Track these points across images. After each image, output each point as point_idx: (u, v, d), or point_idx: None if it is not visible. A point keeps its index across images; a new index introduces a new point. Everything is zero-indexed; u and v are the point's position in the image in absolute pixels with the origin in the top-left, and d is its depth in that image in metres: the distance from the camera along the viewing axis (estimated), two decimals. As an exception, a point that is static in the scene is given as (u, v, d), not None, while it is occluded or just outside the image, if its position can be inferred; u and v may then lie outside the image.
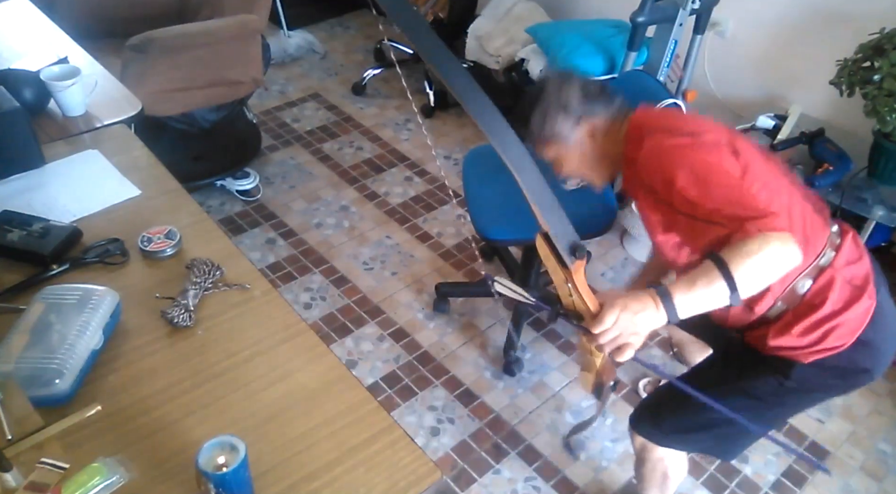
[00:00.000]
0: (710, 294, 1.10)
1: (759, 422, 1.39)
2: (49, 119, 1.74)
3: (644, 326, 1.09)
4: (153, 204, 1.51)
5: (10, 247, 1.33)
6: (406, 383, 2.25)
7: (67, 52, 1.95)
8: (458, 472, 2.02)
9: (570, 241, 1.01)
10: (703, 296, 1.10)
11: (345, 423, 1.11)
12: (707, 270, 1.11)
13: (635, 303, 1.08)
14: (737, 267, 1.09)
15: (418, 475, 1.05)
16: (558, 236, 1.00)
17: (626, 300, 1.08)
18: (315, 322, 2.42)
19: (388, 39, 3.80)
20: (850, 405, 2.27)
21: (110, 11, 2.75)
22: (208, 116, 2.71)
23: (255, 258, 2.63)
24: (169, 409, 1.11)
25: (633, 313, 1.08)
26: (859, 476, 2.07)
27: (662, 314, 1.09)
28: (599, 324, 1.07)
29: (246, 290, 1.32)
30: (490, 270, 2.67)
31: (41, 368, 1.09)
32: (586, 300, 1.07)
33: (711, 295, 1.10)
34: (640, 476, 1.73)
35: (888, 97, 2.04)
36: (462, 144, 3.30)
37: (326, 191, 2.99)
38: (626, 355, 1.10)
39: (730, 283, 1.09)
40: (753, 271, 1.10)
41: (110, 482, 0.97)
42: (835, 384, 1.39)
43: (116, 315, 1.22)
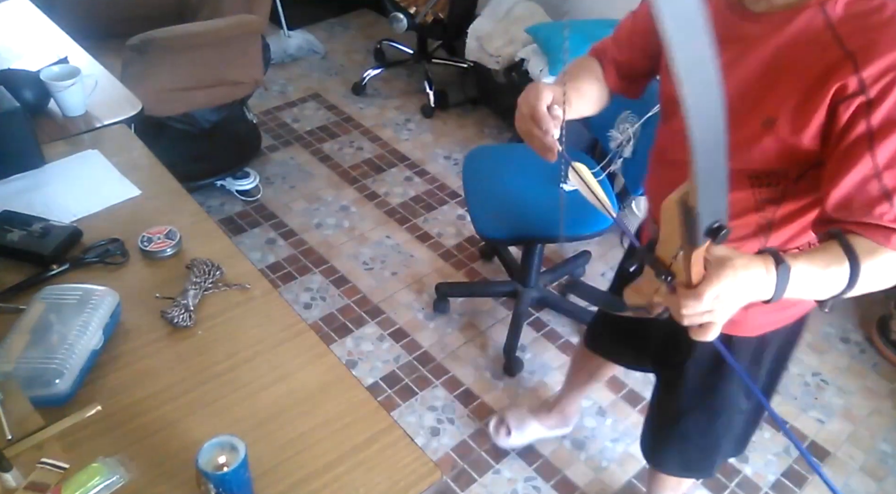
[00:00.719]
0: (828, 282, 0.91)
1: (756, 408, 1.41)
2: (49, 119, 1.74)
3: (744, 298, 0.84)
4: (153, 204, 1.51)
5: (10, 247, 1.33)
6: (406, 383, 2.25)
7: (67, 52, 1.95)
8: (458, 472, 2.02)
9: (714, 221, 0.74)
10: (822, 280, 0.90)
11: (345, 423, 1.11)
12: (835, 254, 0.90)
13: (748, 272, 0.83)
14: (866, 267, 0.90)
15: (418, 475, 1.05)
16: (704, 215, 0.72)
17: (737, 271, 0.81)
18: (315, 322, 2.42)
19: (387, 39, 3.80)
20: (850, 405, 2.27)
21: (110, 11, 2.75)
22: (208, 116, 2.71)
23: (255, 258, 2.63)
24: (169, 409, 1.11)
25: (742, 285, 0.82)
26: (859, 476, 2.07)
27: (770, 288, 0.85)
28: (696, 300, 0.80)
29: (246, 290, 1.32)
30: (490, 270, 2.67)
31: (41, 368, 1.09)
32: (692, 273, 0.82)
33: (828, 283, 0.91)
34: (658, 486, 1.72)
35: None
36: (462, 144, 3.30)
37: (326, 191, 2.99)
38: (712, 334, 0.85)
39: (851, 279, 0.90)
40: (874, 281, 0.93)
41: (110, 482, 0.97)
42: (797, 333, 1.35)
43: (116, 315, 1.22)
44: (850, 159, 0.93)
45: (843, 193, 0.94)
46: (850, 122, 0.92)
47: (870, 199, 0.92)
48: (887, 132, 0.90)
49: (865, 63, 0.90)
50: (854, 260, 0.89)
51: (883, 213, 0.92)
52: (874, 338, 2.46)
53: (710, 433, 1.47)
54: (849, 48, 0.91)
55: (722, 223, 0.74)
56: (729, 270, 0.80)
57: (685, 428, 1.48)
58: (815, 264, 0.89)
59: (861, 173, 0.92)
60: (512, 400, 2.22)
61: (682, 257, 0.81)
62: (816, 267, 0.89)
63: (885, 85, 0.89)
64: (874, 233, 0.92)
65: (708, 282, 0.79)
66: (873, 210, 0.92)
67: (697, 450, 1.52)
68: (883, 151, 0.91)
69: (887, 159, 0.91)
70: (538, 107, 1.03)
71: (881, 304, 2.58)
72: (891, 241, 0.92)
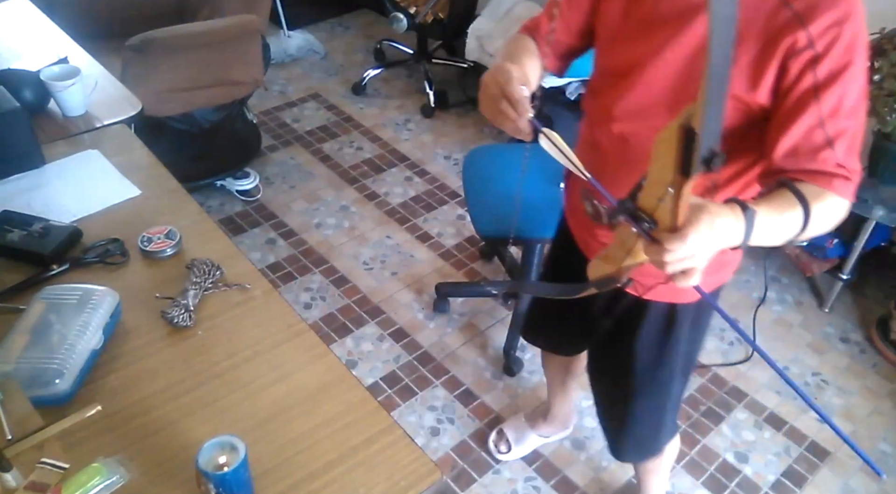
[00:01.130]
0: (786, 226, 0.97)
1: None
2: (49, 119, 1.74)
3: (720, 245, 0.89)
4: (153, 204, 1.51)
5: (10, 247, 1.33)
6: (406, 383, 2.25)
7: (67, 52, 1.95)
8: (458, 472, 2.02)
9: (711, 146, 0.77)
10: (781, 224, 0.96)
11: (345, 423, 1.11)
12: (788, 199, 0.97)
13: (722, 218, 0.87)
14: (815, 210, 0.97)
15: (418, 475, 1.05)
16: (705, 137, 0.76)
17: (713, 216, 0.86)
18: (315, 322, 2.42)
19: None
20: (850, 405, 2.27)
21: (110, 11, 2.75)
22: (208, 116, 2.71)
23: (255, 258, 2.63)
24: (169, 409, 1.11)
25: (718, 230, 0.87)
26: (859, 476, 2.07)
27: (740, 233, 0.91)
28: (680, 242, 0.83)
29: (246, 290, 1.32)
30: (490, 270, 2.67)
31: (41, 368, 1.09)
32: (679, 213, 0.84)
33: (786, 227, 0.97)
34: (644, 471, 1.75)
35: (888, 97, 2.04)
36: (462, 144, 3.30)
37: (326, 191, 2.99)
38: (693, 279, 0.88)
39: (804, 222, 0.97)
40: (820, 224, 0.99)
41: (110, 482, 0.97)
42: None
43: (116, 315, 1.22)
44: (799, 110, 1.00)
45: (792, 141, 1.01)
46: (800, 75, 0.99)
47: (815, 146, 1.00)
48: (830, 83, 0.98)
49: (811, 20, 0.97)
50: (805, 204, 0.96)
51: (826, 158, 1.00)
52: (874, 338, 2.46)
53: (659, 410, 1.52)
54: (795, 8, 0.98)
55: (717, 150, 0.77)
56: (706, 214, 0.84)
57: (639, 410, 1.51)
58: (774, 210, 0.95)
59: (807, 123, 1.00)
60: (512, 400, 2.22)
61: (669, 199, 0.83)
62: (775, 212, 0.95)
63: (829, 40, 0.97)
64: (818, 179, 1.00)
65: (690, 224, 0.83)
66: (818, 156, 1.00)
67: (649, 430, 1.56)
68: (826, 102, 0.99)
69: (830, 109, 0.99)
70: (513, 90, 1.02)
71: (881, 304, 2.58)
72: (833, 185, 1.00)
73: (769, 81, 1.02)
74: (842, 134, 1.00)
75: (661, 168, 0.82)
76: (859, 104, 1.01)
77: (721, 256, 1.15)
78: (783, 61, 1.00)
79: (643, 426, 1.55)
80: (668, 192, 0.82)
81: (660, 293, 1.30)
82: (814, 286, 2.67)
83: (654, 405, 1.51)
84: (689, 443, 2.13)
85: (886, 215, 2.22)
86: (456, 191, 3.01)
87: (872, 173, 2.30)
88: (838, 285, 2.52)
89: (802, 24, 0.97)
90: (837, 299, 2.57)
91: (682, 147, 0.78)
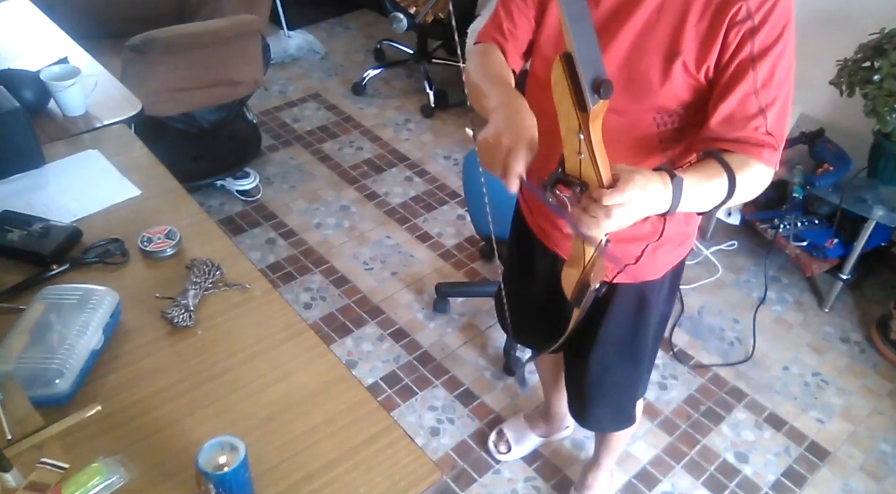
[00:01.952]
0: (712, 194, 1.02)
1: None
2: (49, 119, 1.74)
3: (649, 209, 0.93)
4: (153, 204, 1.51)
5: (10, 247, 1.33)
6: (406, 383, 2.25)
7: (67, 52, 1.95)
8: (458, 472, 2.02)
9: (595, 74, 0.79)
10: (707, 191, 1.01)
11: (345, 423, 1.11)
12: (714, 168, 1.02)
13: (653, 182, 0.92)
14: (741, 179, 1.02)
15: (418, 475, 1.05)
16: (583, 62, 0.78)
17: (646, 176, 0.90)
18: (315, 322, 2.42)
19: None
20: (850, 405, 2.27)
21: (110, 11, 2.75)
22: (208, 116, 2.71)
23: (255, 258, 2.63)
24: (169, 409, 1.11)
25: (650, 193, 0.91)
26: (859, 476, 2.07)
27: (667, 199, 0.95)
28: (618, 194, 0.86)
29: (246, 290, 1.32)
30: (490, 270, 2.67)
31: (41, 368, 1.09)
32: (598, 162, 0.86)
33: (712, 194, 1.02)
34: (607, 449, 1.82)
35: (888, 97, 2.04)
36: (462, 144, 3.30)
37: (326, 191, 2.99)
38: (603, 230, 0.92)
39: (729, 190, 1.02)
40: (745, 191, 1.05)
41: (110, 482, 0.97)
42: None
43: (116, 315, 1.22)
44: (737, 78, 1.05)
45: (729, 109, 1.06)
46: (739, 45, 1.04)
47: (749, 114, 1.05)
48: (765, 54, 1.03)
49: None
50: (731, 173, 1.01)
51: (758, 126, 1.05)
52: (874, 338, 2.46)
53: (635, 379, 1.57)
54: None
55: (603, 77, 0.80)
56: (639, 175, 0.90)
57: (616, 380, 1.54)
58: (700, 178, 1.00)
59: (744, 90, 1.05)
60: (512, 400, 2.22)
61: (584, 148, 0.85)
62: (702, 180, 1.00)
63: (766, 12, 1.02)
64: (747, 149, 1.05)
65: (625, 181, 0.88)
66: (749, 124, 1.05)
67: (625, 399, 1.60)
68: (761, 72, 1.04)
69: (763, 79, 1.04)
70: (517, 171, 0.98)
71: (881, 304, 2.58)
72: (761, 154, 1.05)
73: (715, 53, 1.06)
74: (773, 103, 1.05)
75: (565, 115, 0.85)
76: (787, 75, 1.07)
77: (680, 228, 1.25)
78: (725, 32, 1.04)
79: (617, 395, 1.58)
80: (580, 139, 0.85)
81: (629, 275, 1.34)
82: (814, 286, 2.67)
83: (629, 377, 1.55)
84: (689, 443, 2.13)
85: (886, 215, 2.22)
86: (456, 191, 3.01)
87: (872, 173, 2.30)
88: (838, 285, 2.52)
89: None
90: (837, 299, 2.57)
91: (568, 77, 0.81)
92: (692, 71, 1.07)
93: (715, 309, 2.56)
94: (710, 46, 1.05)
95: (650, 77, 1.09)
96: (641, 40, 1.08)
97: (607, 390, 1.57)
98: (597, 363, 1.50)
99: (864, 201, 2.25)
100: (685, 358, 2.38)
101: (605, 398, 1.59)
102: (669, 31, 1.07)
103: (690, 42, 1.06)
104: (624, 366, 1.52)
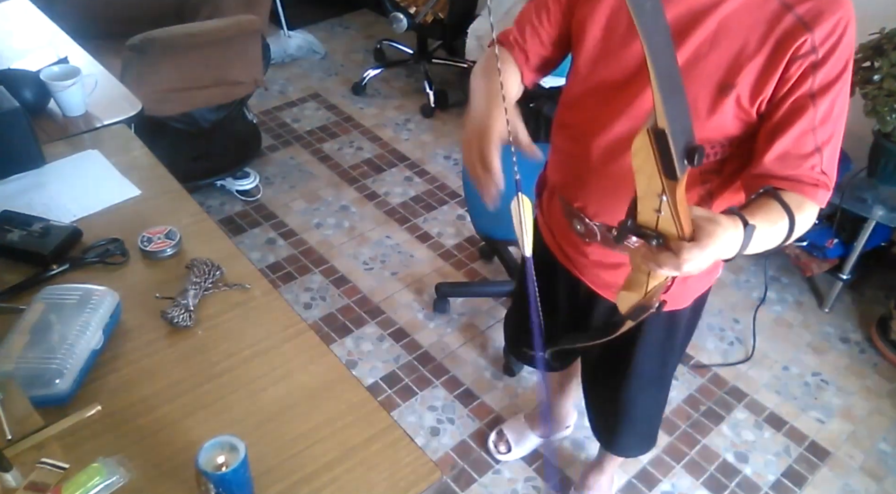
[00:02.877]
0: (774, 237, 0.98)
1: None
2: (49, 119, 1.74)
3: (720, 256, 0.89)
4: (153, 204, 1.51)
5: (10, 247, 1.33)
6: (406, 383, 2.25)
7: (67, 52, 1.95)
8: (458, 472, 2.02)
9: (686, 141, 0.76)
10: (771, 236, 0.97)
11: (345, 423, 1.11)
12: (777, 211, 0.98)
13: (729, 232, 0.87)
14: (798, 220, 0.98)
15: (418, 475, 1.05)
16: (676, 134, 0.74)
17: (724, 228, 0.86)
18: (315, 322, 2.42)
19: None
20: (850, 405, 2.27)
21: (110, 11, 2.75)
22: (208, 116, 2.71)
23: (255, 258, 2.63)
24: (169, 409, 1.11)
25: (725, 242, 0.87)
26: (859, 476, 2.07)
27: (737, 245, 0.91)
28: (699, 250, 0.83)
29: (246, 290, 1.32)
30: (490, 270, 2.67)
31: (41, 368, 1.09)
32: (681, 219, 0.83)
33: (774, 238, 0.98)
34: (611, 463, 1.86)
35: (888, 97, 2.04)
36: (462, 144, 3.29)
37: (326, 191, 2.99)
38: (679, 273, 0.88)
39: (788, 233, 0.98)
40: (799, 233, 1.01)
41: (110, 482, 0.97)
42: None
43: (116, 315, 1.22)
44: (796, 115, 1.00)
45: (784, 147, 1.02)
46: (800, 79, 0.99)
47: (805, 152, 1.01)
48: (826, 90, 0.99)
49: (815, 24, 0.97)
50: (791, 215, 0.98)
51: (814, 165, 1.01)
52: (874, 338, 2.46)
53: (661, 404, 1.58)
54: (799, 13, 0.97)
55: (694, 143, 0.76)
56: (720, 227, 0.85)
57: (645, 408, 1.55)
58: (767, 223, 0.96)
59: (801, 128, 1.01)
60: (512, 400, 2.22)
61: (665, 208, 0.80)
62: (768, 224, 0.96)
63: (831, 45, 0.97)
64: (802, 188, 1.01)
65: (707, 236, 0.83)
66: (805, 162, 1.01)
67: (652, 425, 1.61)
68: (821, 108, 1.00)
69: (822, 115, 1.00)
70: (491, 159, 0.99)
71: (881, 304, 2.58)
72: (816, 195, 1.02)
73: (772, 87, 1.01)
74: (829, 140, 1.02)
75: (646, 179, 0.80)
76: (843, 111, 1.03)
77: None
78: (786, 65, 0.99)
79: (645, 422, 1.59)
80: (662, 200, 0.80)
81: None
82: (814, 286, 2.67)
83: (654, 402, 1.56)
84: (689, 443, 2.13)
85: (886, 215, 2.22)
86: (456, 191, 3.01)
87: (872, 173, 2.30)
88: (838, 285, 2.52)
89: (808, 29, 0.97)
90: (837, 299, 2.57)
91: (657, 151, 0.76)
92: (745, 105, 1.03)
93: (715, 309, 2.56)
94: (767, 80, 1.01)
95: (697, 108, 1.05)
96: (690, 70, 1.03)
97: (637, 419, 1.57)
98: (627, 395, 1.50)
99: (863, 201, 2.25)
100: (685, 358, 2.38)
101: (634, 427, 1.59)
102: (723, 63, 1.02)
103: (747, 75, 1.01)
104: (651, 394, 1.53)
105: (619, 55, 1.10)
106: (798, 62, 0.98)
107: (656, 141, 0.75)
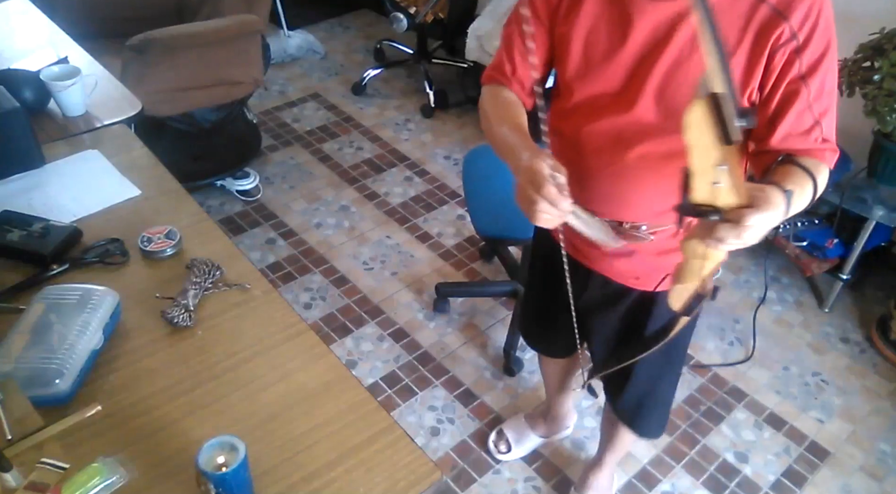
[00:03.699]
0: (804, 200, 1.04)
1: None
2: (49, 119, 1.74)
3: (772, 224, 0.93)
4: (153, 204, 1.51)
5: (10, 247, 1.33)
6: (406, 383, 2.25)
7: (67, 52, 1.95)
8: (458, 472, 2.02)
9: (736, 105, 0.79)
10: (803, 199, 1.03)
11: (345, 423, 1.11)
12: (802, 176, 1.04)
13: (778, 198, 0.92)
14: (819, 183, 1.05)
15: (418, 475, 1.05)
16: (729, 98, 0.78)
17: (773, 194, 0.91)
18: (315, 322, 2.42)
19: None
20: (850, 405, 2.27)
21: (110, 11, 2.75)
22: (208, 116, 2.71)
23: (255, 258, 2.63)
24: (169, 409, 1.11)
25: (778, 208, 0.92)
26: (859, 476, 2.07)
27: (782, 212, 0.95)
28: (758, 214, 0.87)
29: (246, 290, 1.32)
30: (490, 270, 2.67)
31: (41, 368, 1.09)
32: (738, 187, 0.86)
33: (804, 201, 1.04)
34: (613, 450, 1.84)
35: (888, 97, 2.04)
36: (462, 143, 3.30)
37: (326, 191, 2.99)
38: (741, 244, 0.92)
39: (814, 193, 1.05)
40: (819, 192, 1.07)
41: (110, 482, 0.97)
42: None
43: (116, 315, 1.22)
44: (791, 99, 1.06)
45: (786, 128, 1.08)
46: (787, 66, 1.04)
47: (805, 128, 1.08)
48: (815, 69, 1.04)
49: (790, 11, 1.01)
50: (813, 178, 1.04)
51: (817, 137, 1.09)
52: (874, 338, 2.46)
53: (675, 382, 1.61)
54: (771, 2, 1.02)
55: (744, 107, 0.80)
56: (772, 194, 0.90)
57: (664, 389, 1.58)
58: (798, 186, 1.02)
59: (798, 108, 1.07)
60: (512, 400, 2.22)
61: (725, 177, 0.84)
62: (800, 189, 1.02)
63: (809, 28, 1.02)
64: (815, 154, 1.09)
65: (764, 201, 0.88)
66: (808, 137, 1.08)
67: (666, 404, 1.63)
68: (812, 87, 1.05)
69: (815, 92, 1.06)
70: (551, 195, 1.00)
71: (881, 304, 2.58)
72: (825, 157, 1.09)
73: (758, 78, 1.06)
74: (826, 112, 1.08)
75: (702, 152, 0.83)
76: (834, 83, 1.09)
77: None
78: (769, 55, 1.04)
79: (663, 403, 1.62)
80: (721, 170, 0.84)
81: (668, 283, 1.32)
82: (814, 286, 2.67)
83: (670, 382, 1.59)
84: (689, 443, 2.14)
85: (886, 215, 2.22)
86: (456, 191, 3.01)
87: (872, 173, 2.30)
88: (838, 285, 2.52)
89: (784, 17, 1.01)
90: (837, 299, 2.57)
91: (715, 116, 0.80)
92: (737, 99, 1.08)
93: (715, 309, 2.56)
94: (752, 72, 1.05)
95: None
96: (677, 72, 1.08)
97: (660, 396, 1.60)
98: (647, 372, 1.51)
99: (863, 201, 2.25)
100: (685, 358, 2.38)
101: (657, 405, 1.61)
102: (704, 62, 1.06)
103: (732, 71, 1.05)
104: (669, 369, 1.55)
105: (604, 69, 1.13)
106: (781, 51, 1.03)
107: (715, 107, 0.79)
